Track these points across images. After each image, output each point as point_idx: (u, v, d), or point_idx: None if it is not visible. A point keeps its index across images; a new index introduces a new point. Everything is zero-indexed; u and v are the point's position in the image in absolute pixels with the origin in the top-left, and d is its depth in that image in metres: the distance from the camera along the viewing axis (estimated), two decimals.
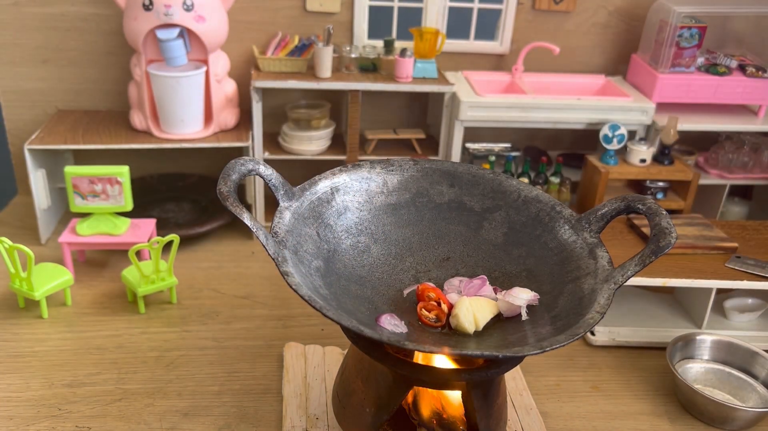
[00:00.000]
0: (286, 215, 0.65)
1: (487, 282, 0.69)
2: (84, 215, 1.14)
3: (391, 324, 0.62)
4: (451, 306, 0.66)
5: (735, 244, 1.04)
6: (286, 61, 1.24)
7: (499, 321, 0.66)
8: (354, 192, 0.72)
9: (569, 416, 0.87)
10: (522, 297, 0.64)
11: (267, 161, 1.28)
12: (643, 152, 1.27)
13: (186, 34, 1.18)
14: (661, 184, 1.29)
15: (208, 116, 1.25)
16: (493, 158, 1.33)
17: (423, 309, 0.65)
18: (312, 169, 1.29)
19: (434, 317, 0.65)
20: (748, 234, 1.10)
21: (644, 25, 1.36)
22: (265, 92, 1.25)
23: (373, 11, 1.34)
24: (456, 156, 1.31)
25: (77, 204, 1.09)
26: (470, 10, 1.38)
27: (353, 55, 1.28)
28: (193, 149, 1.28)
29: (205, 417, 0.82)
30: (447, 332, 0.65)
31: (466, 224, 0.74)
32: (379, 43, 1.33)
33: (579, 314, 0.59)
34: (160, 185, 1.40)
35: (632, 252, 0.65)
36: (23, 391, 0.85)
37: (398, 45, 1.31)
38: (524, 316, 0.64)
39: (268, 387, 0.88)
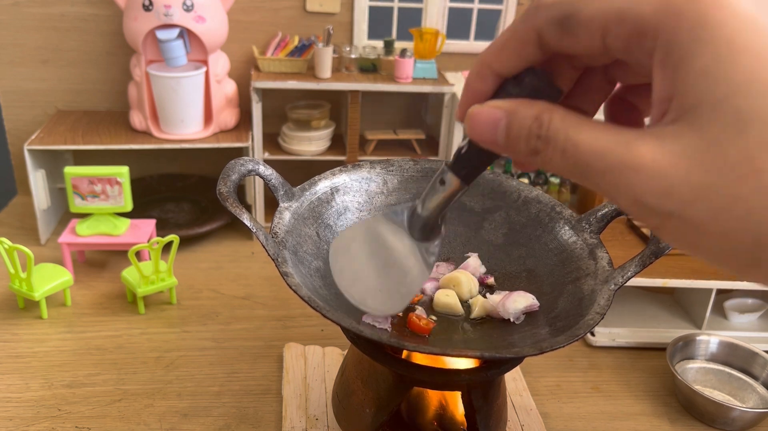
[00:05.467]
0: (285, 215, 0.65)
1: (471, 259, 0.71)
2: (84, 215, 1.14)
3: (376, 321, 0.62)
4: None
5: None
6: (286, 61, 1.24)
7: (498, 321, 0.65)
8: (354, 192, 0.72)
9: (569, 417, 0.87)
10: (517, 308, 0.64)
11: (267, 161, 1.28)
12: None
13: (186, 34, 1.18)
14: None
15: (208, 116, 1.25)
16: None
17: (414, 317, 0.65)
18: (312, 170, 1.28)
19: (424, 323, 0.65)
20: None
21: None
22: (265, 92, 1.25)
23: (373, 11, 1.34)
24: None
25: (77, 204, 1.09)
26: (470, 10, 1.38)
27: (353, 56, 1.28)
28: (192, 149, 1.28)
29: (204, 417, 0.82)
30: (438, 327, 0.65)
31: (466, 224, 0.74)
32: (379, 44, 1.33)
33: (579, 315, 0.58)
34: (159, 186, 1.40)
35: (632, 253, 0.65)
36: (23, 392, 0.85)
37: (398, 45, 1.32)
38: (518, 321, 0.64)
39: (267, 388, 0.88)
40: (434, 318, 0.66)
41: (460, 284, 0.67)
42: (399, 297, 0.43)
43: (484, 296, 0.67)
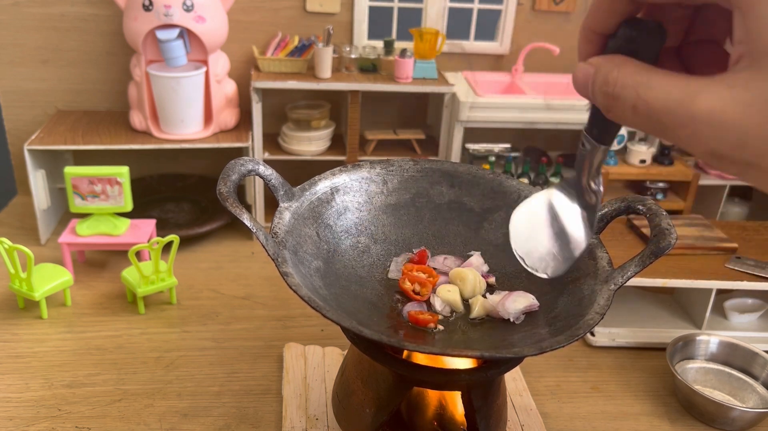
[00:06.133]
0: (285, 215, 0.65)
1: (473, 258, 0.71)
2: (84, 215, 1.14)
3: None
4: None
5: (735, 245, 1.04)
6: (286, 61, 1.24)
7: (498, 321, 0.65)
8: (354, 192, 0.72)
9: (569, 417, 0.87)
10: (517, 308, 0.63)
11: (267, 161, 1.28)
12: (642, 153, 1.27)
13: (186, 34, 1.18)
14: (661, 184, 1.29)
15: (208, 116, 1.25)
16: (493, 159, 1.33)
17: (412, 312, 0.65)
18: (312, 170, 1.28)
19: (430, 318, 0.65)
20: (748, 234, 1.11)
21: None
22: (265, 92, 1.25)
23: (373, 11, 1.34)
24: (456, 156, 1.31)
25: (77, 204, 1.09)
26: (470, 10, 1.38)
27: (353, 56, 1.28)
28: (192, 149, 1.28)
29: (204, 417, 0.82)
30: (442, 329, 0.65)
31: (466, 224, 0.74)
32: (379, 44, 1.33)
33: (579, 315, 0.58)
34: (159, 185, 1.40)
35: (632, 252, 0.65)
36: (23, 392, 0.85)
37: (398, 45, 1.32)
38: (517, 321, 0.64)
39: (267, 388, 0.88)
40: (442, 315, 0.66)
41: (465, 281, 0.67)
42: (563, 260, 0.47)
43: (484, 296, 0.67)
